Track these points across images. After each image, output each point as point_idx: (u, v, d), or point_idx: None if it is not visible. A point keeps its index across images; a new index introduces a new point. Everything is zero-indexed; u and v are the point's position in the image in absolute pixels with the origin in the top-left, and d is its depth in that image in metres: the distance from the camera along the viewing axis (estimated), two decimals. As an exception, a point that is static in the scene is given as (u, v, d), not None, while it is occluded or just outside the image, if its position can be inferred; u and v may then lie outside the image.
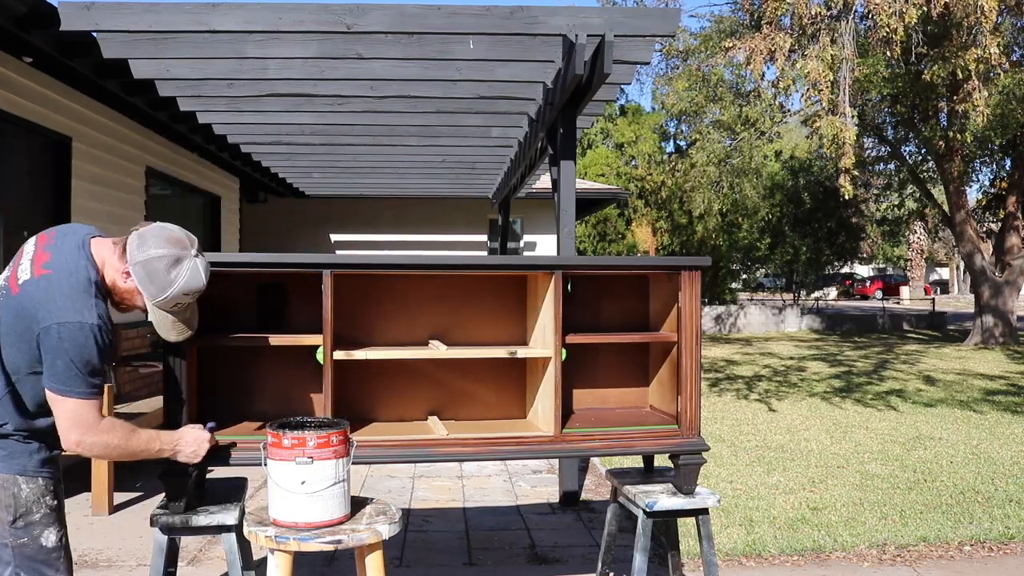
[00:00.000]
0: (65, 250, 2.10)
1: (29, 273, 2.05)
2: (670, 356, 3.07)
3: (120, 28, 4.38)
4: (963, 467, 5.98)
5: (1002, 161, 18.26)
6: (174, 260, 2.17)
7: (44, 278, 2.03)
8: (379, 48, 4.76)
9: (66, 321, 1.99)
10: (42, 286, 2.01)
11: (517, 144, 7.50)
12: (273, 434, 2.26)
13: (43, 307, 1.99)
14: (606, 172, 29.26)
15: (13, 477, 2.04)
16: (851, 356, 14.52)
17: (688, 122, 19.72)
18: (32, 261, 2.07)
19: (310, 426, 2.34)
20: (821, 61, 8.80)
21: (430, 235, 15.07)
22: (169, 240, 2.19)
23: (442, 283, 3.17)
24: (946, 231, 27.67)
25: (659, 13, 4.76)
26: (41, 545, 2.05)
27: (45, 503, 2.07)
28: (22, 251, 2.14)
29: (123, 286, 2.17)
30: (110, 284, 2.16)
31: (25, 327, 2.00)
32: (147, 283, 2.16)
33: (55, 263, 2.06)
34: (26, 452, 2.07)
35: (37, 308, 1.99)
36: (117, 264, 2.15)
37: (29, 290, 2.01)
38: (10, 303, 2.03)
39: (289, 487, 2.24)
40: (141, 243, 2.16)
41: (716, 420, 7.99)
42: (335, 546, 2.24)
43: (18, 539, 2.02)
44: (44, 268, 2.05)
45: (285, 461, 2.24)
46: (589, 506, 4.89)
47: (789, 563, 4.02)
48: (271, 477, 2.27)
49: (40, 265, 2.06)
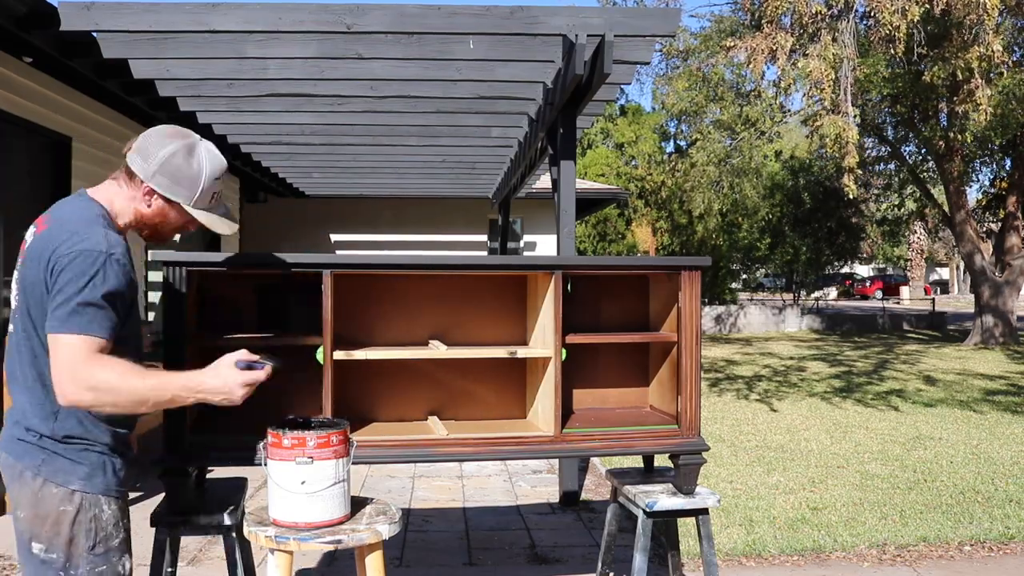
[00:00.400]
0: (63, 203, 1.92)
1: (32, 236, 1.86)
2: (670, 356, 3.07)
3: (120, 28, 4.38)
4: (963, 467, 5.98)
5: (1002, 161, 18.27)
6: (188, 149, 1.94)
7: (47, 228, 1.83)
8: (379, 48, 4.76)
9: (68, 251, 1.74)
10: (46, 235, 1.80)
11: (517, 144, 7.50)
12: (273, 434, 2.26)
13: (49, 248, 1.76)
14: (606, 172, 29.27)
15: (96, 497, 1.81)
16: (851, 356, 14.52)
17: (688, 122, 19.72)
18: (34, 229, 1.89)
19: (310, 426, 2.34)
20: (823, 60, 8.80)
21: (430, 235, 15.06)
22: (169, 134, 1.97)
23: (442, 283, 3.17)
24: (946, 231, 27.67)
25: (659, 13, 4.77)
26: (118, 572, 1.87)
27: (123, 526, 1.89)
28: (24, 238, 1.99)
29: (149, 211, 1.94)
30: (132, 218, 1.94)
31: (38, 283, 1.77)
32: (176, 187, 1.92)
33: (57, 214, 1.87)
34: (110, 468, 1.85)
35: (46, 254, 1.76)
36: (130, 191, 1.93)
37: (35, 246, 1.81)
38: (22, 272, 1.83)
39: (289, 487, 2.24)
40: (145, 154, 1.91)
41: (716, 420, 7.99)
42: (335, 546, 2.23)
43: (96, 567, 1.82)
44: (46, 223, 1.86)
45: (285, 461, 2.23)
46: (589, 506, 4.89)
47: (789, 563, 4.02)
48: (271, 477, 2.27)
49: (42, 223, 1.87)
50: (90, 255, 1.75)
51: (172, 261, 2.54)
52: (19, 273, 1.87)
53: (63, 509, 1.78)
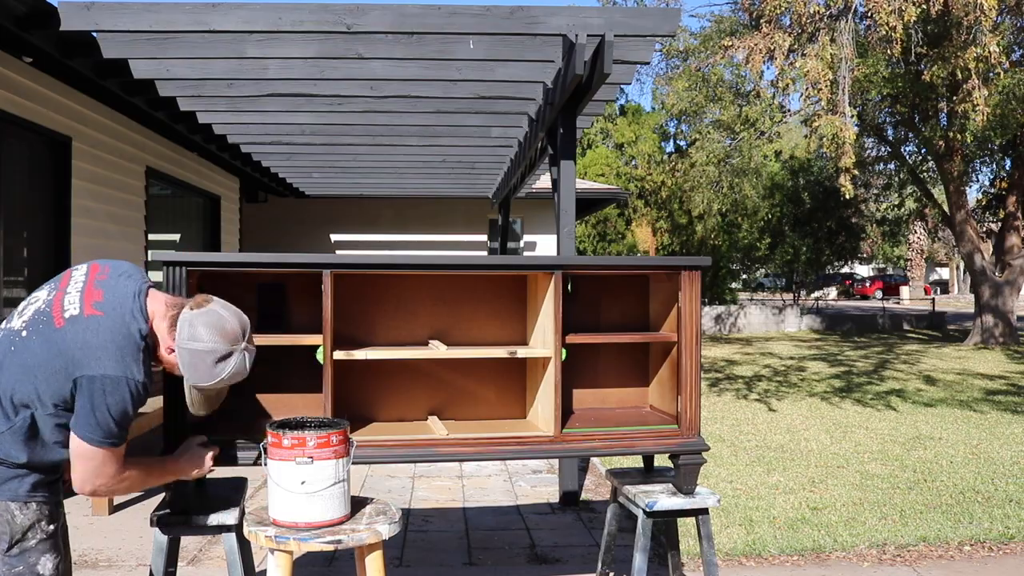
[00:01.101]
0: (120, 293, 2.03)
1: (78, 308, 1.97)
2: (670, 356, 3.07)
3: (120, 28, 4.38)
4: (963, 467, 5.98)
5: (1002, 161, 18.26)
6: (222, 356, 2.11)
7: (94, 319, 1.96)
8: (379, 48, 4.76)
9: (112, 375, 1.93)
10: (92, 328, 1.95)
11: (517, 144, 7.51)
12: (273, 434, 2.26)
13: (90, 354, 1.93)
14: (606, 172, 29.27)
15: (5, 503, 1.96)
16: (851, 356, 14.52)
17: (688, 122, 19.73)
18: (82, 294, 2.00)
19: (310, 426, 2.34)
20: (820, 60, 8.80)
21: (430, 235, 15.07)
22: (222, 335, 2.10)
23: (442, 283, 3.17)
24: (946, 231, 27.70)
25: (659, 13, 4.76)
26: (38, 573, 1.98)
27: (41, 528, 2.00)
28: (69, 276, 2.07)
29: (166, 357, 2.12)
30: (153, 344, 2.10)
31: (64, 366, 1.93)
32: (189, 369, 2.11)
33: (108, 305, 2.00)
34: (16, 477, 1.98)
35: (83, 353, 1.93)
36: (165, 335, 2.09)
37: (77, 329, 1.94)
38: (51, 335, 1.95)
39: (289, 487, 2.24)
40: (192, 330, 2.08)
41: (716, 420, 7.99)
42: (335, 546, 2.24)
43: (13, 568, 1.95)
44: (96, 308, 1.98)
45: (285, 461, 2.23)
46: (589, 506, 4.89)
47: (789, 563, 4.02)
48: (271, 477, 2.27)
49: (91, 304, 1.98)
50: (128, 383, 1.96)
51: (172, 261, 2.54)
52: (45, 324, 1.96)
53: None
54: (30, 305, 2.05)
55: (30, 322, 1.99)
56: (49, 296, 2.03)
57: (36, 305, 2.03)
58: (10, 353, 1.96)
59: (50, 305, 1.99)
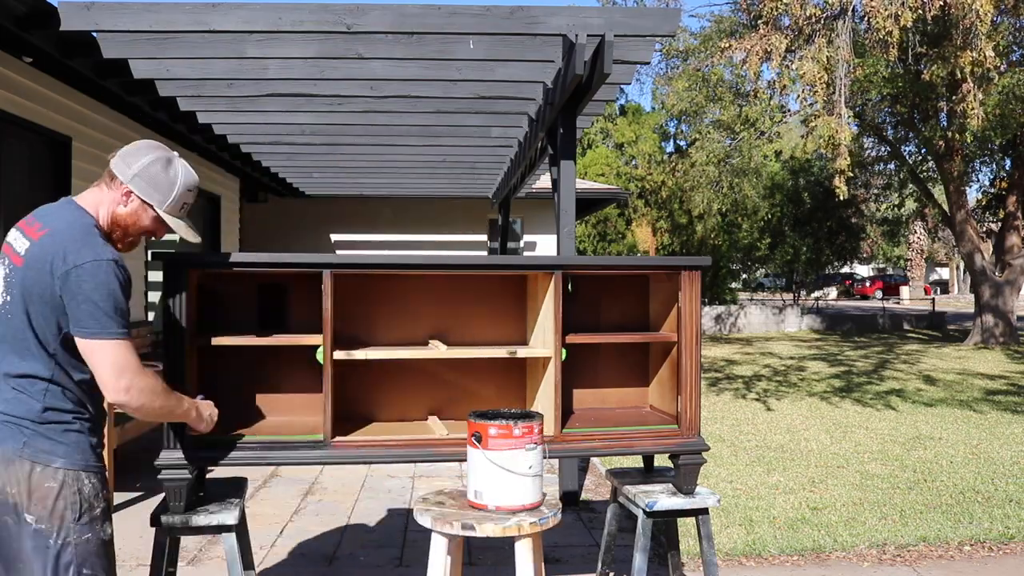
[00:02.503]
0: (53, 212, 2.06)
1: (27, 240, 1.99)
2: (670, 356, 3.07)
3: (120, 28, 4.38)
4: (963, 467, 5.98)
5: (1002, 161, 18.27)
6: (166, 161, 2.16)
7: (46, 235, 1.98)
8: (379, 48, 4.76)
9: (82, 262, 1.93)
10: (47, 243, 1.96)
11: (517, 144, 7.50)
12: (500, 425, 2.40)
13: (56, 258, 1.93)
14: (606, 172, 29.27)
15: (77, 473, 1.98)
16: (851, 356, 14.52)
17: (688, 122, 19.73)
18: (23, 233, 2.02)
19: (510, 416, 2.48)
20: (816, 63, 8.81)
21: (430, 235, 15.07)
22: (150, 146, 2.17)
23: (442, 283, 3.17)
24: (946, 231, 27.69)
25: (659, 13, 4.76)
26: (101, 539, 2.02)
27: (104, 497, 2.04)
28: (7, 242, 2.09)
29: (125, 211, 2.12)
30: (111, 219, 2.11)
31: (44, 288, 1.94)
32: (151, 191, 2.12)
33: (51, 223, 2.01)
34: (88, 445, 2.01)
35: (50, 262, 1.94)
36: (110, 193, 2.11)
37: (35, 252, 1.96)
38: (19, 275, 1.97)
39: (520, 471, 2.41)
40: (127, 160, 2.12)
41: (716, 420, 7.99)
42: (549, 524, 2.48)
43: (83, 535, 1.97)
44: (41, 231, 1.99)
45: (515, 449, 2.40)
46: (589, 506, 4.89)
47: (789, 563, 4.02)
48: (497, 464, 2.40)
49: (35, 231, 2.00)
50: (100, 264, 1.95)
51: (172, 261, 2.54)
52: (11, 275, 1.99)
53: (48, 486, 1.93)
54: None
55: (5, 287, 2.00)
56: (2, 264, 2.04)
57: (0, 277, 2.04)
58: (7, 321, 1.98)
59: (7, 264, 2.01)
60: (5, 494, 1.93)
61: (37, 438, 1.94)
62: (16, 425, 1.94)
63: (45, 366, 1.97)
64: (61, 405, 1.98)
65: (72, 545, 1.94)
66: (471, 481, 2.52)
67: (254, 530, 3.79)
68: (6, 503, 1.93)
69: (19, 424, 1.94)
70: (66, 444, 1.97)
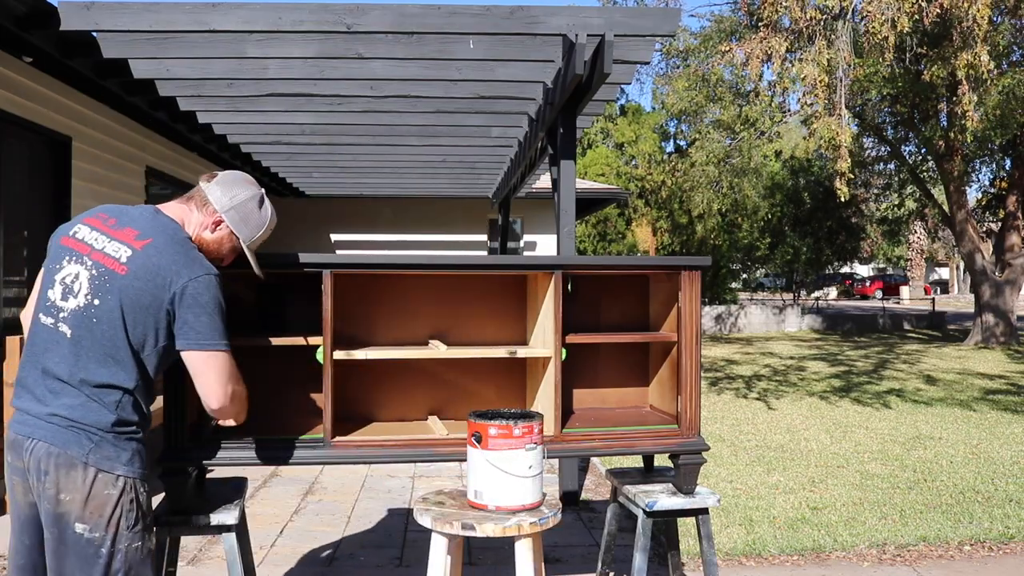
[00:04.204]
0: (147, 220, 2.08)
1: (128, 248, 2.00)
2: (670, 356, 3.07)
3: (120, 28, 4.38)
4: (963, 467, 5.98)
5: (1002, 161, 18.27)
6: (260, 199, 2.25)
7: (149, 247, 2.00)
8: (379, 48, 4.76)
9: (198, 275, 2.01)
10: (153, 253, 1.99)
11: (517, 144, 7.50)
12: (500, 426, 2.39)
13: (167, 270, 1.98)
14: (606, 172, 29.27)
15: (135, 481, 2.01)
16: (851, 356, 14.52)
17: (688, 122, 19.73)
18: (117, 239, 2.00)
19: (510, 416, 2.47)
20: (816, 65, 8.81)
21: (430, 235, 15.06)
22: (248, 182, 2.25)
23: (442, 283, 3.17)
24: (946, 231, 27.70)
25: (659, 13, 4.76)
26: (149, 549, 2.05)
27: (149, 506, 2.08)
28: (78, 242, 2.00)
29: (211, 237, 2.17)
30: (196, 240, 2.15)
31: (153, 298, 1.97)
32: (242, 226, 2.20)
33: (149, 232, 2.03)
34: (145, 454, 2.06)
35: (162, 274, 1.98)
36: (199, 216, 2.16)
37: (142, 261, 1.98)
38: (121, 282, 1.96)
39: (519, 472, 2.41)
40: (226, 190, 2.18)
41: (716, 420, 7.99)
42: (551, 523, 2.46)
43: (133, 543, 2.00)
44: (141, 239, 2.01)
45: (514, 449, 2.39)
46: (589, 506, 4.89)
47: (789, 563, 4.02)
48: (496, 465, 2.39)
49: (134, 239, 2.01)
50: (212, 278, 2.06)
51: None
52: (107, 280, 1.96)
53: (108, 492, 1.95)
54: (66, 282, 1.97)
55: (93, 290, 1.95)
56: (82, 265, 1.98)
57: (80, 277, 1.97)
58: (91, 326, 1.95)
59: (97, 267, 1.97)
60: (56, 502, 1.92)
61: (104, 445, 1.96)
62: (83, 431, 1.94)
63: (130, 375, 1.99)
64: (130, 417, 2.02)
65: (123, 552, 1.97)
66: (471, 481, 2.52)
67: (254, 530, 3.79)
68: (53, 512, 1.92)
69: (86, 431, 1.94)
70: (128, 452, 2.00)
